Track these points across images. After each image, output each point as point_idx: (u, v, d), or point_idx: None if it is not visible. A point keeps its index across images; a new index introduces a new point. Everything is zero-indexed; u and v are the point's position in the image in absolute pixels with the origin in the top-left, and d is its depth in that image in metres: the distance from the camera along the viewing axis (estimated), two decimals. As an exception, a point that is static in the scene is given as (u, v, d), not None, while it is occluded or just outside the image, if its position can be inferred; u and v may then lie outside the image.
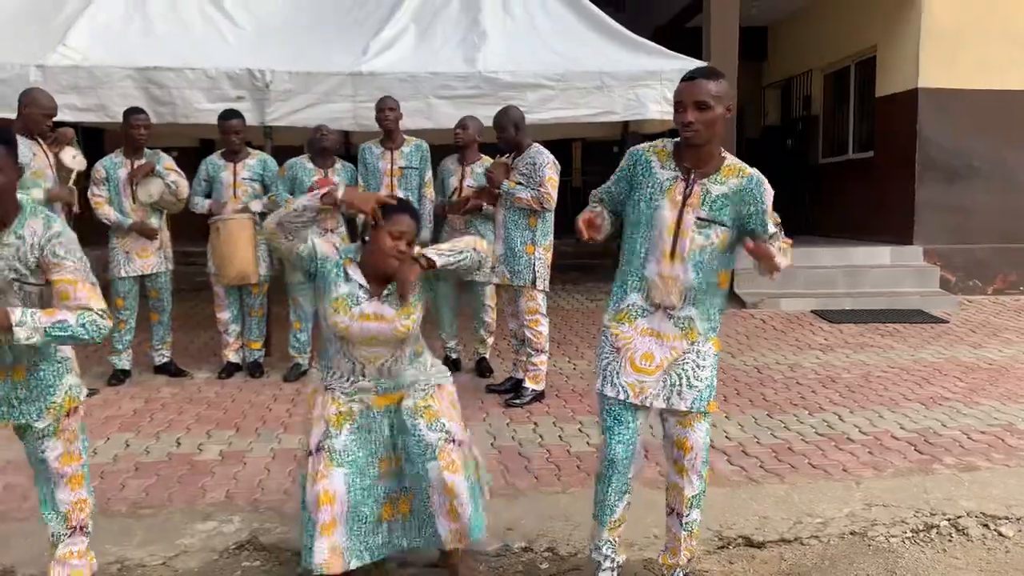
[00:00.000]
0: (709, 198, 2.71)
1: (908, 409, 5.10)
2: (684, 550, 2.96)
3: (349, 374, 2.84)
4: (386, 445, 2.88)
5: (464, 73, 6.33)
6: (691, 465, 2.86)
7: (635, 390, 2.79)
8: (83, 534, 2.87)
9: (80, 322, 2.47)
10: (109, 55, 6.31)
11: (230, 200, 5.70)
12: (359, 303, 2.78)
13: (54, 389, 2.71)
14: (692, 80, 2.66)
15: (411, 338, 2.85)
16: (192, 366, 6.07)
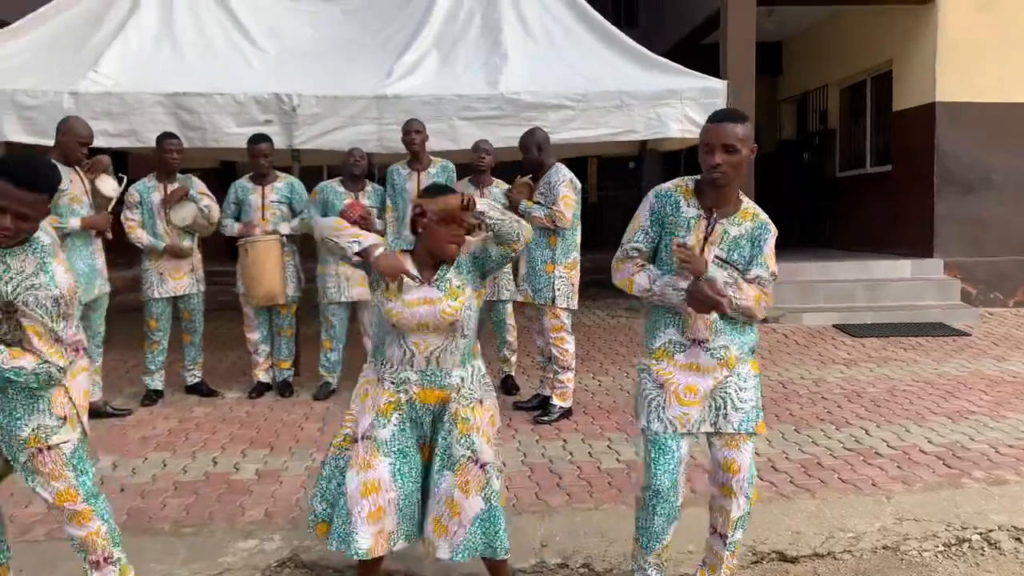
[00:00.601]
0: (727, 238, 2.81)
1: (934, 423, 5.13)
2: (724, 568, 3.00)
3: (399, 363, 2.89)
4: (426, 437, 2.94)
5: (487, 95, 6.43)
6: (739, 487, 2.90)
7: (681, 422, 2.86)
8: (109, 564, 2.83)
9: (35, 371, 2.54)
10: (140, 81, 6.45)
11: (259, 222, 5.80)
12: (409, 291, 2.87)
13: (21, 423, 2.66)
14: (720, 123, 2.73)
15: (461, 327, 2.87)
16: (222, 386, 6.16)
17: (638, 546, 3.00)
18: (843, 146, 11.62)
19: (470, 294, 2.91)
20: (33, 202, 2.48)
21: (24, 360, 2.53)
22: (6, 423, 2.66)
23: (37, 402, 2.66)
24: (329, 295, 5.80)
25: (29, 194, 2.46)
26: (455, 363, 2.91)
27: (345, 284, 5.76)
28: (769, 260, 2.84)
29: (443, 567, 3.42)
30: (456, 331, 2.88)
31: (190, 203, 5.67)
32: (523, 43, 7.06)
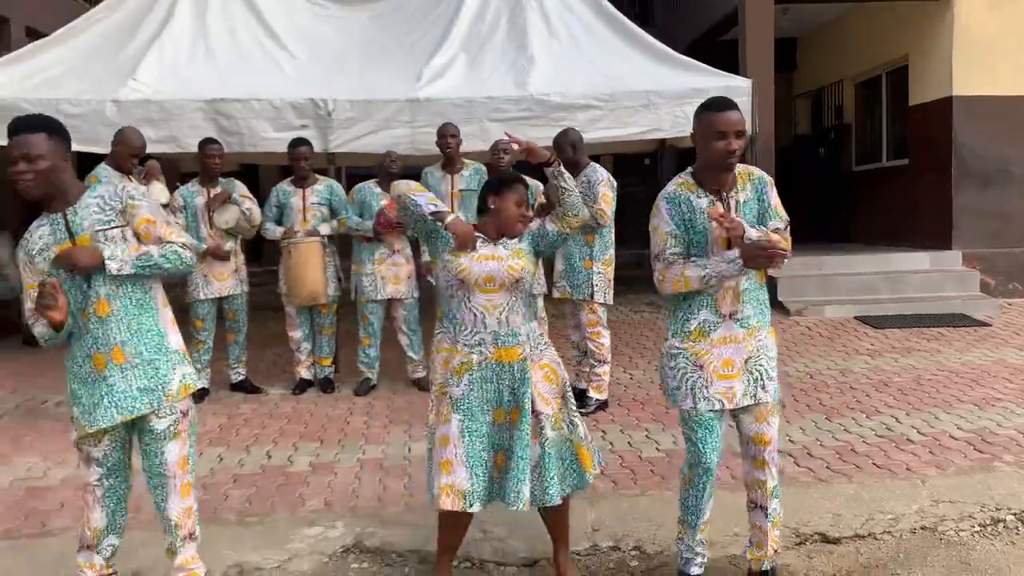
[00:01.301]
0: (739, 207, 3.00)
1: (962, 410, 5.26)
2: (770, 541, 3.16)
3: (471, 325, 3.08)
4: (500, 399, 3.08)
5: (516, 96, 6.59)
6: (771, 458, 3.08)
7: (727, 396, 3.01)
8: (193, 540, 3.03)
9: (161, 253, 2.83)
10: (177, 88, 6.63)
11: (300, 224, 5.97)
12: (478, 247, 3.09)
13: (170, 378, 2.87)
14: (728, 111, 2.91)
15: (524, 286, 3.11)
16: (264, 383, 6.34)
17: (685, 526, 3.16)
18: (859, 140, 11.73)
19: (530, 260, 3.14)
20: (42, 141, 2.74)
21: (146, 247, 2.83)
22: (155, 385, 2.84)
23: (176, 355, 2.91)
24: (366, 293, 5.97)
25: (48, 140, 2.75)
26: (520, 322, 3.11)
27: (380, 283, 5.93)
28: (779, 209, 3.05)
29: (499, 547, 3.59)
30: (519, 289, 3.09)
31: (233, 206, 5.84)
32: (548, 44, 7.23)
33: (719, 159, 2.92)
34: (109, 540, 3.01)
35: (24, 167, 2.71)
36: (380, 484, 4.30)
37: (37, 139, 2.72)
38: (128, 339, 2.82)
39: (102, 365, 2.80)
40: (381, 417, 5.47)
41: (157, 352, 2.87)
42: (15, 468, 4.64)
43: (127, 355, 2.82)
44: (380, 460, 4.66)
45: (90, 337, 2.80)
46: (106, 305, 2.80)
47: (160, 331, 2.91)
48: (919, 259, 9.29)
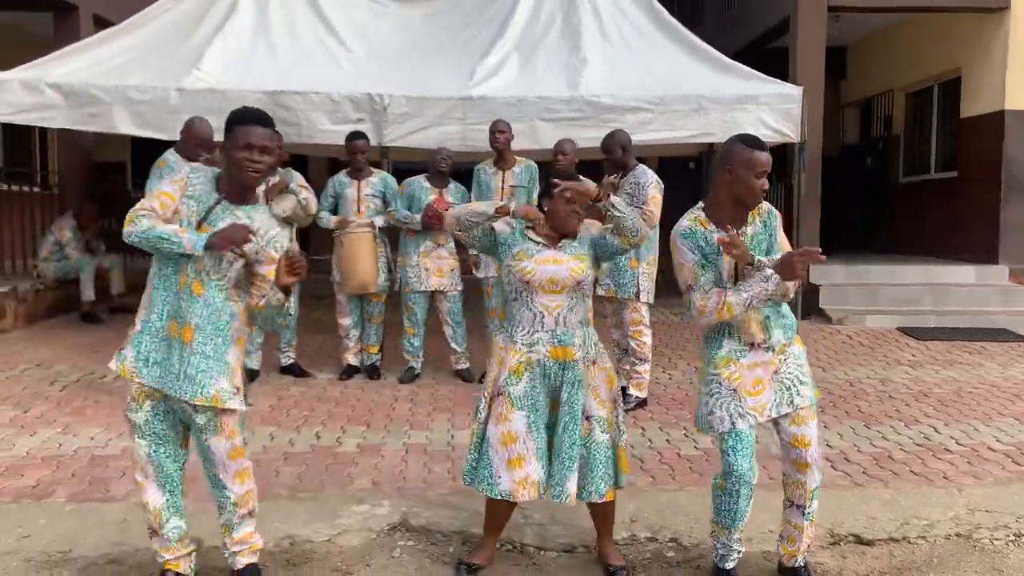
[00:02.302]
0: (750, 242, 3.11)
1: (1002, 423, 5.28)
2: (805, 537, 3.25)
3: (530, 324, 3.24)
4: (557, 395, 3.24)
5: (568, 97, 6.72)
6: (812, 459, 3.16)
7: (759, 411, 3.12)
8: (252, 517, 3.15)
9: (274, 295, 2.97)
10: (239, 79, 6.86)
11: (353, 215, 6.14)
12: (540, 251, 3.26)
13: (210, 382, 2.90)
14: (764, 151, 3.03)
15: (583, 288, 3.26)
16: (312, 367, 6.53)
17: (720, 527, 3.24)
18: (907, 151, 11.67)
19: (590, 264, 3.29)
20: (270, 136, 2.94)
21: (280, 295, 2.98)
22: (200, 377, 2.90)
23: (224, 366, 2.94)
24: (411, 284, 6.13)
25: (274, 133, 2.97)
26: (577, 323, 3.25)
27: (424, 275, 6.09)
28: (784, 244, 3.16)
29: (540, 533, 3.72)
30: (579, 291, 3.25)
31: (290, 195, 5.94)
32: (601, 46, 7.34)
33: (752, 197, 3.05)
34: (173, 522, 3.08)
35: (259, 157, 2.91)
36: (425, 468, 4.45)
37: (271, 134, 2.94)
38: (202, 326, 2.91)
39: (175, 332, 2.91)
40: (425, 405, 5.63)
41: (215, 354, 2.93)
42: (79, 438, 4.87)
43: (194, 340, 2.90)
44: (425, 445, 4.81)
45: (178, 303, 2.91)
46: (201, 287, 2.90)
47: (227, 338, 2.96)
48: (964, 272, 9.25)
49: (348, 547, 3.59)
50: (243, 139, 2.90)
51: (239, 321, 3.00)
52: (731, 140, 3.11)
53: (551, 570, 3.47)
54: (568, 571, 3.46)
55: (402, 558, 3.51)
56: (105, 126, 6.73)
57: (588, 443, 3.22)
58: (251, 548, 3.20)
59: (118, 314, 8.48)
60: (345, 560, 3.48)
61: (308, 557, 3.50)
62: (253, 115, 2.97)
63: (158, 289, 2.95)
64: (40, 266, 8.42)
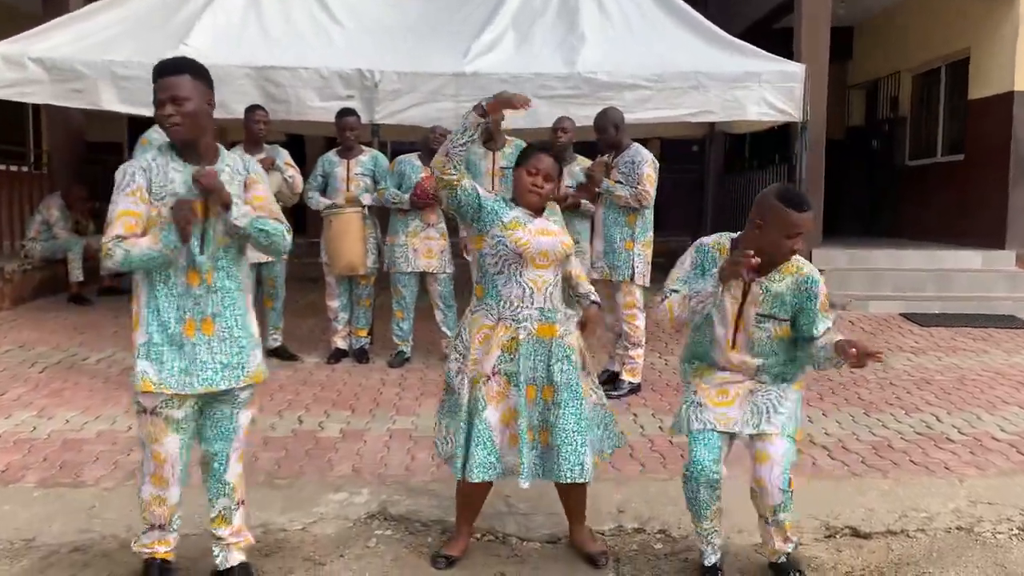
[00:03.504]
0: (769, 295, 2.94)
1: (1007, 412, 5.12)
2: (777, 542, 3.10)
3: (519, 300, 3.08)
4: (536, 375, 3.09)
5: (564, 74, 6.53)
6: (769, 476, 2.94)
7: (720, 421, 3.01)
8: (244, 506, 3.08)
9: (275, 228, 2.83)
10: (228, 54, 6.67)
11: (343, 194, 5.98)
12: (532, 221, 3.11)
13: (251, 360, 2.88)
14: (808, 212, 2.82)
15: (566, 263, 3.20)
16: (301, 350, 6.39)
17: (693, 515, 3.11)
18: (913, 134, 11.46)
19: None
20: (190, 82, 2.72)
21: (261, 214, 2.82)
22: (238, 363, 2.84)
23: (255, 339, 2.91)
24: (398, 265, 5.97)
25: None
26: (560, 299, 3.15)
27: (412, 255, 5.92)
28: (824, 307, 2.95)
29: (523, 522, 3.58)
30: (561, 268, 3.15)
31: (276, 173, 5.87)
32: (599, 23, 7.14)
33: (779, 257, 2.88)
34: (178, 514, 3.00)
35: (171, 109, 2.67)
36: (408, 454, 4.31)
37: (182, 80, 2.68)
38: (220, 312, 2.80)
39: (192, 332, 2.77)
40: (413, 389, 5.48)
41: (243, 330, 2.86)
42: (54, 420, 4.73)
43: (217, 327, 2.79)
44: (410, 431, 4.67)
45: (190, 299, 2.77)
46: (212, 274, 2.79)
47: (246, 310, 2.90)
48: (970, 258, 9.05)
49: (323, 536, 3.46)
50: (156, 96, 2.71)
51: (248, 289, 2.95)
52: (770, 192, 2.86)
53: (534, 561, 3.34)
54: (551, 562, 3.32)
55: (378, 548, 3.37)
56: (89, 102, 6.56)
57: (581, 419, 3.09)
58: (245, 541, 3.07)
59: (108, 296, 8.36)
60: (318, 550, 3.35)
61: (280, 546, 3.37)
62: (161, 66, 2.73)
63: (159, 294, 2.77)
64: (28, 246, 8.29)
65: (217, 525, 3.01)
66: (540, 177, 3.10)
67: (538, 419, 3.09)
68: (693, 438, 3.03)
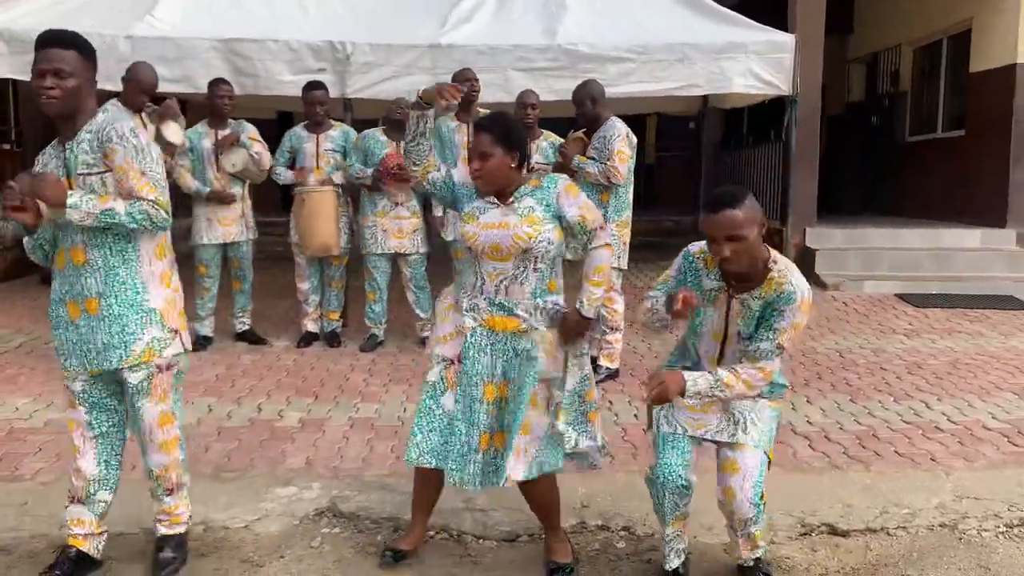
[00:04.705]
0: (749, 313, 2.71)
1: (1000, 399, 4.90)
2: (743, 550, 2.89)
3: (471, 288, 2.88)
4: (494, 373, 2.86)
5: (543, 45, 6.27)
6: (739, 486, 2.73)
7: (692, 425, 2.81)
8: (181, 489, 2.95)
9: (128, 211, 2.60)
10: (196, 26, 6.43)
11: (313, 171, 5.75)
12: (486, 212, 2.85)
13: (135, 338, 2.70)
14: (719, 213, 2.55)
15: (534, 258, 2.81)
16: (271, 334, 6.19)
17: (658, 518, 2.93)
18: (914, 109, 11.16)
19: (551, 228, 2.82)
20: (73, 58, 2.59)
21: (114, 202, 2.59)
22: (119, 342, 2.69)
23: (149, 315, 2.72)
24: (368, 247, 5.75)
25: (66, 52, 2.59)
26: (525, 295, 2.84)
27: (382, 235, 5.69)
28: (781, 334, 2.65)
29: (480, 520, 3.38)
30: (528, 260, 2.81)
31: (241, 149, 5.64)
32: (583, -9, 6.85)
33: (723, 263, 2.65)
34: (101, 495, 2.88)
35: (52, 82, 2.55)
36: (367, 445, 4.10)
37: (69, 55, 2.57)
38: (103, 291, 2.69)
39: (76, 313, 2.70)
40: (382, 375, 5.28)
41: (129, 307, 2.70)
42: (4, 408, 4.55)
43: (100, 307, 2.69)
44: (372, 420, 4.47)
45: (66, 283, 2.71)
46: (82, 253, 2.67)
47: (138, 286, 2.72)
48: (969, 236, 8.79)
49: (265, 535, 3.27)
50: (36, 65, 2.58)
51: (148, 258, 2.75)
52: None
53: (487, 562, 3.14)
54: (505, 563, 3.13)
55: (322, 548, 3.17)
56: (51, 76, 6.31)
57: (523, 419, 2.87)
58: (172, 520, 2.96)
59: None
60: (258, 550, 3.15)
61: (219, 546, 3.17)
62: (50, 35, 2.61)
63: (54, 271, 2.76)
64: (0, 226, 8.07)
65: (152, 496, 2.96)
66: (475, 159, 2.81)
67: (497, 422, 2.87)
68: (663, 440, 2.83)
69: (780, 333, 2.66)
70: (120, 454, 2.93)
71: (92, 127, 2.67)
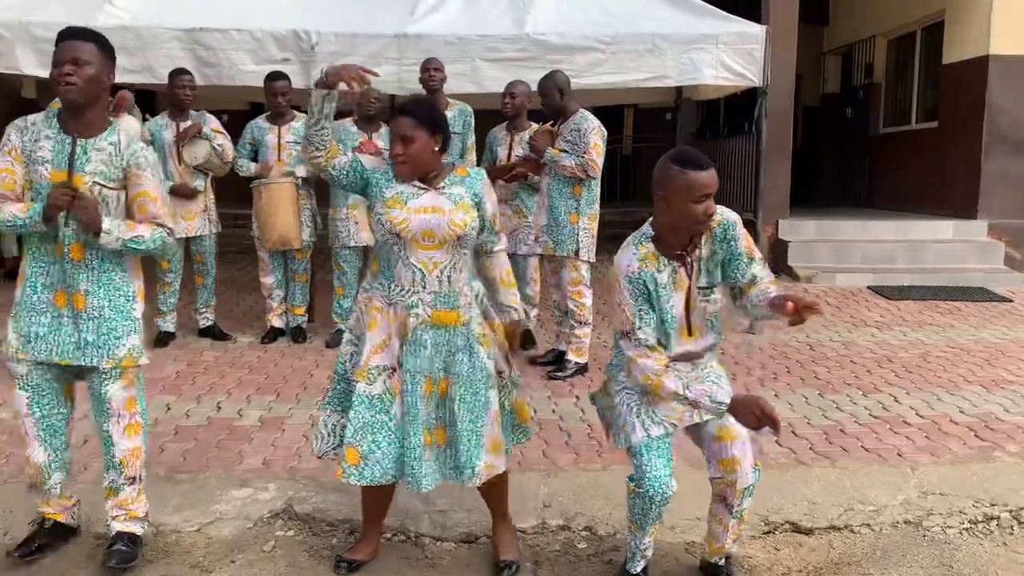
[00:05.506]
0: (703, 264, 2.66)
1: (968, 392, 4.88)
2: (731, 535, 2.83)
3: (410, 284, 2.76)
4: (433, 368, 2.78)
5: (512, 35, 6.18)
6: (742, 453, 2.70)
7: (676, 418, 2.70)
8: (139, 482, 2.98)
9: (152, 238, 2.78)
10: (158, 15, 6.29)
11: (275, 163, 5.64)
12: (416, 197, 2.75)
13: (120, 343, 2.82)
14: (706, 170, 2.51)
15: (467, 243, 2.78)
16: (236, 330, 6.08)
17: (635, 526, 2.81)
18: (888, 101, 11.17)
19: (475, 216, 2.80)
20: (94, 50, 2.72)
21: (141, 229, 2.76)
22: (103, 343, 2.80)
23: (133, 324, 2.86)
24: (340, 239, 5.64)
25: None
26: (464, 281, 2.81)
27: (354, 227, 5.58)
28: (751, 251, 2.66)
29: (438, 520, 3.32)
30: (462, 247, 2.77)
31: (203, 141, 5.52)
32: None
33: (693, 224, 2.55)
34: (55, 477, 2.96)
35: (70, 70, 2.66)
36: (327, 444, 4.01)
37: (88, 47, 2.71)
38: (94, 291, 2.80)
39: (62, 303, 2.79)
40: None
41: (119, 313, 2.83)
42: (-46, 409, 4.42)
43: (88, 305, 2.79)
44: (334, 418, 4.37)
45: (60, 271, 2.78)
46: (80, 250, 2.77)
47: (129, 294, 2.87)
48: (942, 228, 8.80)
49: (218, 539, 3.18)
50: (55, 57, 2.70)
51: (133, 270, 2.91)
52: (665, 158, 2.57)
53: (445, 565, 3.08)
54: (463, 566, 3.07)
55: (274, 553, 3.09)
56: (7, 66, 6.17)
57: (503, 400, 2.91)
58: (128, 515, 2.96)
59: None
60: (209, 555, 3.07)
61: (168, 551, 3.09)
62: (70, 31, 2.75)
63: (30, 259, 2.82)
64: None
65: (106, 496, 2.97)
66: (397, 143, 2.71)
67: (434, 417, 2.80)
68: (645, 449, 2.68)
69: (750, 251, 2.67)
70: (65, 439, 2.97)
71: (114, 139, 2.77)
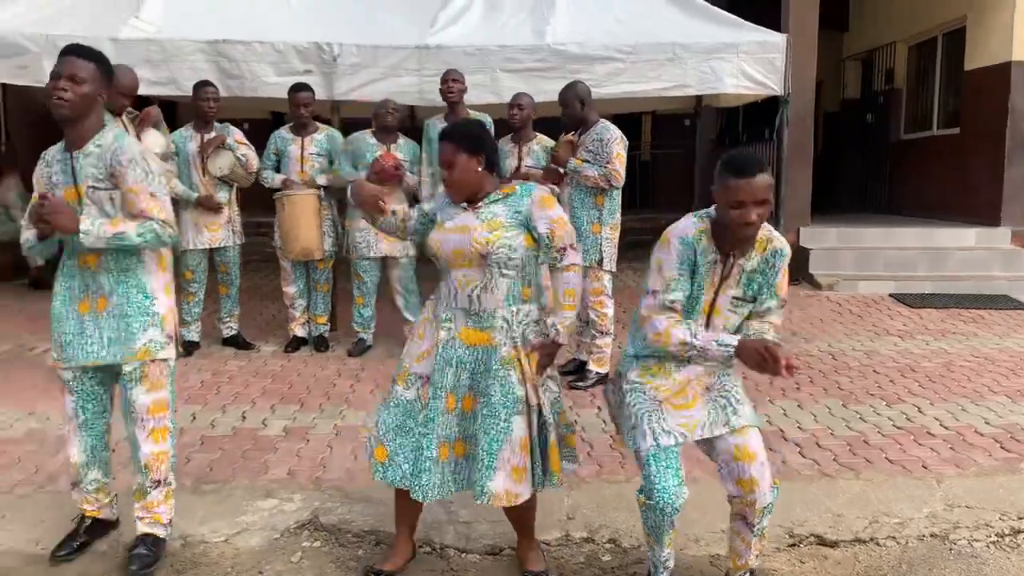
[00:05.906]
0: (744, 276, 2.66)
1: (993, 402, 4.85)
2: (753, 551, 2.83)
3: (446, 298, 2.84)
4: (458, 384, 2.80)
5: (532, 46, 6.20)
6: (760, 474, 2.68)
7: (688, 427, 2.70)
8: (165, 485, 3.04)
9: (139, 232, 2.79)
10: (182, 28, 6.35)
11: (297, 174, 5.69)
12: (453, 218, 2.83)
13: (137, 337, 2.89)
14: (752, 178, 2.47)
15: (497, 264, 2.75)
16: (259, 339, 6.13)
17: (652, 539, 2.81)
18: (909, 107, 11.10)
19: (514, 235, 2.76)
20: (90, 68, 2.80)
21: (124, 225, 2.78)
22: (123, 339, 2.89)
23: (152, 318, 2.93)
24: (359, 250, 5.68)
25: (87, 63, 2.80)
26: (498, 303, 2.78)
27: (374, 239, 5.61)
28: (781, 289, 2.69)
29: (463, 532, 3.33)
30: (492, 266, 2.75)
31: (227, 152, 5.58)
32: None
33: (734, 229, 2.55)
34: (92, 475, 3.07)
35: (66, 85, 2.73)
36: (351, 455, 4.04)
37: (87, 65, 2.78)
38: (114, 289, 2.89)
39: (85, 309, 2.90)
40: (369, 381, 5.22)
41: (137, 310, 2.90)
42: (-16, 418, 4.49)
43: (110, 304, 2.89)
44: (358, 428, 4.40)
45: (81, 282, 2.89)
46: (93, 259, 2.86)
47: (148, 290, 2.94)
48: (965, 235, 8.74)
49: (245, 549, 3.22)
50: (54, 70, 2.78)
51: (154, 267, 2.97)
52: (720, 160, 2.59)
53: (470, 576, 3.09)
54: (489, 578, 3.07)
55: (301, 564, 3.12)
56: (34, 79, 6.22)
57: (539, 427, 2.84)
58: (153, 518, 3.03)
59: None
60: (237, 565, 3.10)
61: (196, 562, 3.12)
62: (74, 48, 2.83)
63: (60, 272, 2.94)
64: (-13, 230, 8.01)
65: (135, 498, 3.05)
66: (443, 169, 2.81)
67: (457, 430, 2.82)
68: (653, 459, 2.66)
69: (781, 287, 2.68)
70: (104, 439, 3.09)
71: (101, 141, 2.84)
